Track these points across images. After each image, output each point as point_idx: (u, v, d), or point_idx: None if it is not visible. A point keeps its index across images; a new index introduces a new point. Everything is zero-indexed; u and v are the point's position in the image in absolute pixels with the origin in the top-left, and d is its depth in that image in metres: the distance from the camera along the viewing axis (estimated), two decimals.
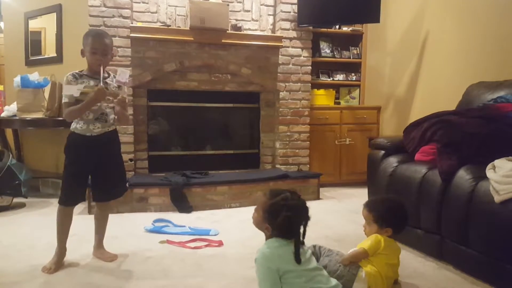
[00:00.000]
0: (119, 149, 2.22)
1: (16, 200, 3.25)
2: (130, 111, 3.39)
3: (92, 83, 2.01)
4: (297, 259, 1.46)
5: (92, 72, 2.04)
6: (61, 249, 2.05)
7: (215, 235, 2.57)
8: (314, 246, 1.81)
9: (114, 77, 2.11)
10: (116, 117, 2.11)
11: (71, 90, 1.94)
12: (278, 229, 1.51)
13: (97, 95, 1.94)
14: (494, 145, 2.05)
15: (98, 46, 1.99)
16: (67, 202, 2.05)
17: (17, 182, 3.15)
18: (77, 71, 2.04)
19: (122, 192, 2.25)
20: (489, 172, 1.87)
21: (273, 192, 1.57)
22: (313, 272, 1.50)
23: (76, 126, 2.04)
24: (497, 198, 1.73)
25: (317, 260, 1.72)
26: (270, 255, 1.48)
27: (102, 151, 2.07)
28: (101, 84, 1.97)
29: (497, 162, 1.89)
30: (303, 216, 1.52)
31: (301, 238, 1.52)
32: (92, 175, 2.10)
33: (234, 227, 2.76)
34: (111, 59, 2.10)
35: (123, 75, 2.05)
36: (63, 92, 1.99)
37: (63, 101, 2.01)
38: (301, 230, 1.53)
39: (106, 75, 2.08)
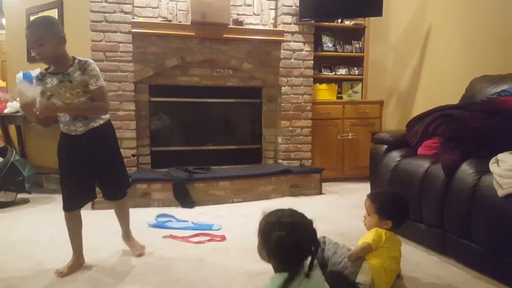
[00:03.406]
0: (111, 144, 2.02)
1: (20, 196, 3.27)
2: (131, 106, 3.39)
3: (55, 81, 1.84)
4: None
5: (53, 67, 1.86)
6: (75, 255, 1.96)
7: (217, 229, 2.58)
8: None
9: (82, 63, 1.84)
10: None
11: (28, 92, 1.78)
12: (273, 256, 1.20)
13: (39, 111, 1.73)
14: (497, 139, 2.04)
15: (30, 40, 1.77)
16: (66, 206, 1.93)
17: (20, 178, 3.16)
18: (43, 70, 1.86)
19: (123, 192, 2.10)
20: (492, 166, 1.86)
21: (270, 212, 1.26)
22: None
23: (61, 125, 1.91)
24: (500, 192, 1.72)
25: (322, 251, 1.73)
26: None
27: (92, 149, 1.91)
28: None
29: (500, 156, 1.88)
30: (304, 239, 1.17)
31: (304, 270, 1.17)
32: (93, 175, 1.96)
33: (237, 222, 2.77)
34: (55, 46, 1.81)
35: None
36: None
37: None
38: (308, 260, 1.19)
39: (70, 64, 1.85)
